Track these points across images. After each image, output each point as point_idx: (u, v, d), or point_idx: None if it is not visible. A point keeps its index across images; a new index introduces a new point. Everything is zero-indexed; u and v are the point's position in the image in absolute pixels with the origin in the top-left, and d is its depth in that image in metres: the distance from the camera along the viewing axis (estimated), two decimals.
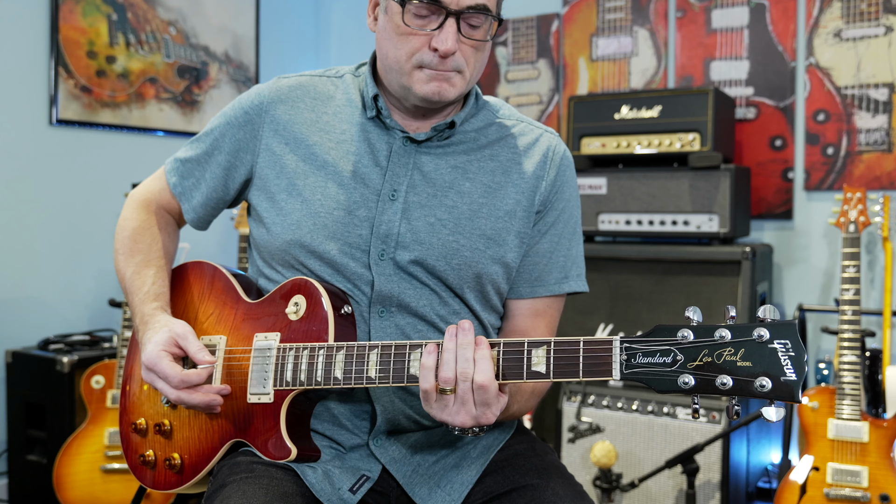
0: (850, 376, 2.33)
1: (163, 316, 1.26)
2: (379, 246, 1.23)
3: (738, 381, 0.94)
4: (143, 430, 1.32)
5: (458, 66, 1.19)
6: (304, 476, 1.18)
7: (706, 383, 0.95)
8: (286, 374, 1.18)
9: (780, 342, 0.93)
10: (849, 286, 2.38)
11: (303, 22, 4.02)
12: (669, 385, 0.96)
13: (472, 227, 1.25)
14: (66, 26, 3.01)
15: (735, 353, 0.94)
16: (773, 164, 3.03)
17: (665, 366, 0.97)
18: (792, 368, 0.92)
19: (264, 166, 1.30)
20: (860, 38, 2.86)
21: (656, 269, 2.74)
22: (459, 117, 1.28)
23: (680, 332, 0.97)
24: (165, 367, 1.18)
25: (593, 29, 3.37)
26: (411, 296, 1.24)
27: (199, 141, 1.37)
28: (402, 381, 1.11)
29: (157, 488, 1.30)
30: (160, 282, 1.32)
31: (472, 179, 1.27)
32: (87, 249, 3.08)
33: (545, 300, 1.33)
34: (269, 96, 1.31)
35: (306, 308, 1.21)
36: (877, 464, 2.27)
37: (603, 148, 2.85)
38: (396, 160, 1.26)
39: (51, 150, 3.00)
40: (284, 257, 1.27)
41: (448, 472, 1.26)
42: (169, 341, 1.21)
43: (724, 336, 0.95)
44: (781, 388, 0.92)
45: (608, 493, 2.45)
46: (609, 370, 1.00)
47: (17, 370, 2.76)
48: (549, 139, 1.34)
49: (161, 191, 1.41)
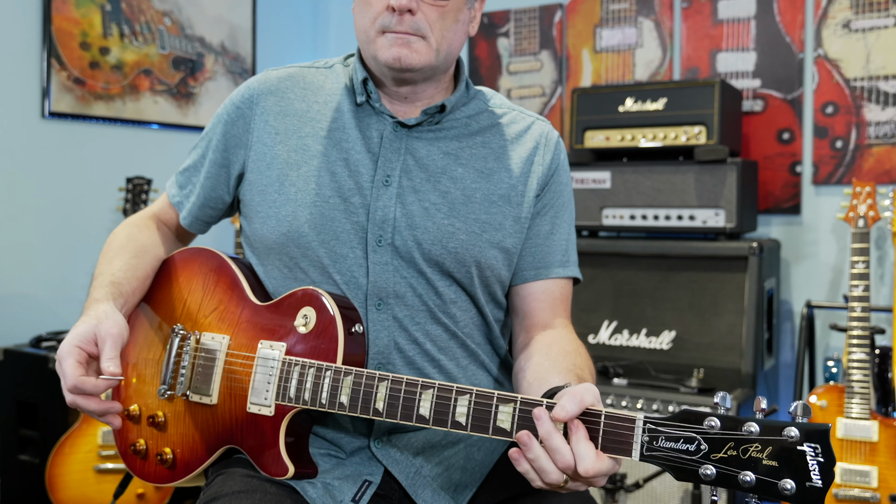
0: (860, 374, 2.32)
1: (104, 305, 1.18)
2: (376, 232, 1.22)
3: (761, 481, 0.90)
4: (135, 417, 1.28)
5: (417, 29, 1.19)
6: (304, 492, 1.16)
7: (728, 478, 0.91)
8: (289, 389, 1.14)
9: (811, 445, 0.89)
10: (858, 282, 2.37)
11: (300, 12, 3.98)
12: (689, 474, 0.92)
13: (467, 211, 1.24)
14: (59, 17, 2.97)
15: (761, 451, 0.91)
16: (780, 158, 2.99)
17: (688, 453, 0.93)
18: (819, 475, 0.88)
19: (257, 159, 1.28)
20: (869, 28, 2.81)
21: (661, 265, 2.71)
22: (450, 101, 1.27)
23: (707, 420, 0.93)
24: (66, 367, 1.10)
25: (597, 20, 3.32)
26: (408, 285, 1.22)
27: (195, 148, 1.38)
28: (409, 420, 1.07)
29: (146, 480, 1.27)
30: (122, 272, 1.25)
31: (464, 165, 1.27)
32: (80, 245, 3.06)
33: (556, 283, 1.32)
34: (259, 88, 1.30)
35: (316, 322, 1.16)
36: (886, 464, 2.26)
37: (607, 141, 2.82)
38: (388, 145, 1.25)
39: (43, 144, 2.97)
40: (280, 250, 1.24)
41: (452, 474, 1.24)
42: (87, 337, 1.12)
43: (753, 431, 0.91)
44: (805, 495, 0.88)
45: (612, 493, 2.44)
46: (629, 450, 0.95)
47: (8, 368, 2.73)
48: (541, 126, 1.35)
49: (161, 206, 1.42)
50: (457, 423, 1.03)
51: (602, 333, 2.77)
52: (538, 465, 0.96)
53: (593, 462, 0.94)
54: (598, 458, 0.94)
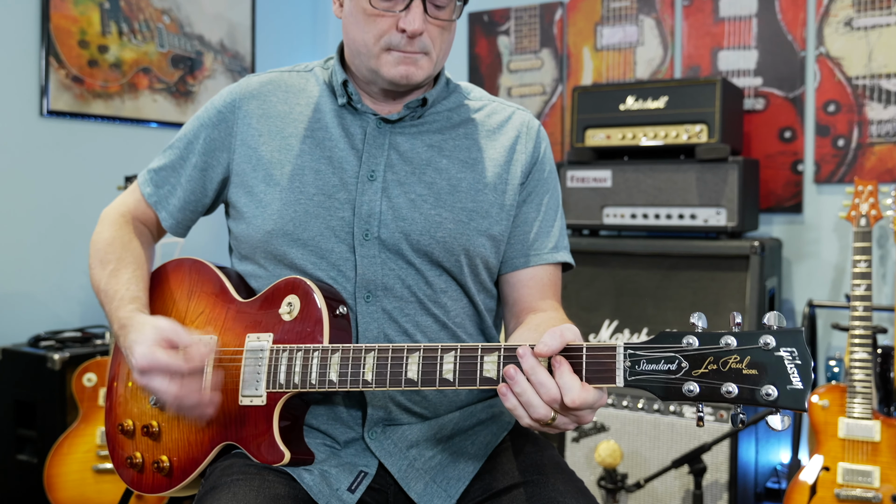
0: (862, 374, 2.31)
1: (142, 316, 1.22)
2: (362, 227, 1.23)
3: (744, 390, 0.94)
4: (129, 432, 1.29)
5: (424, 48, 1.21)
6: (301, 479, 1.16)
7: (711, 391, 0.95)
8: (279, 376, 1.16)
9: (787, 350, 0.93)
10: (860, 281, 2.36)
11: (300, 10, 3.96)
12: (674, 393, 0.97)
13: (454, 200, 1.26)
14: (57, 15, 2.95)
15: (741, 361, 0.94)
16: (782, 157, 2.97)
17: (669, 373, 0.97)
18: (798, 377, 0.92)
19: (241, 161, 1.29)
20: (872, 27, 2.80)
21: (662, 264, 2.71)
22: (431, 94, 1.29)
23: (685, 338, 0.97)
24: (164, 358, 1.12)
25: (598, 17, 3.31)
26: (397, 277, 1.24)
27: (171, 148, 1.37)
28: (398, 385, 1.09)
29: (145, 491, 1.27)
30: (134, 286, 1.28)
31: (448, 157, 1.28)
32: (78, 244, 3.04)
33: (545, 269, 1.32)
34: (241, 93, 1.32)
35: (300, 308, 1.18)
36: (889, 463, 2.25)
37: (608, 140, 2.81)
38: (371, 141, 1.27)
39: (41, 142, 2.96)
40: (267, 248, 1.25)
41: (445, 467, 1.25)
42: (158, 338, 1.16)
43: (730, 343, 0.95)
44: (787, 397, 0.92)
45: (613, 493, 2.43)
46: (612, 377, 0.99)
47: (6, 368, 2.72)
48: (522, 116, 1.36)
49: (136, 203, 1.40)
50: (444, 380, 1.06)
51: (603, 333, 2.76)
52: (525, 398, 0.99)
53: (579, 392, 0.97)
54: (583, 388, 0.98)
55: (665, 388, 0.96)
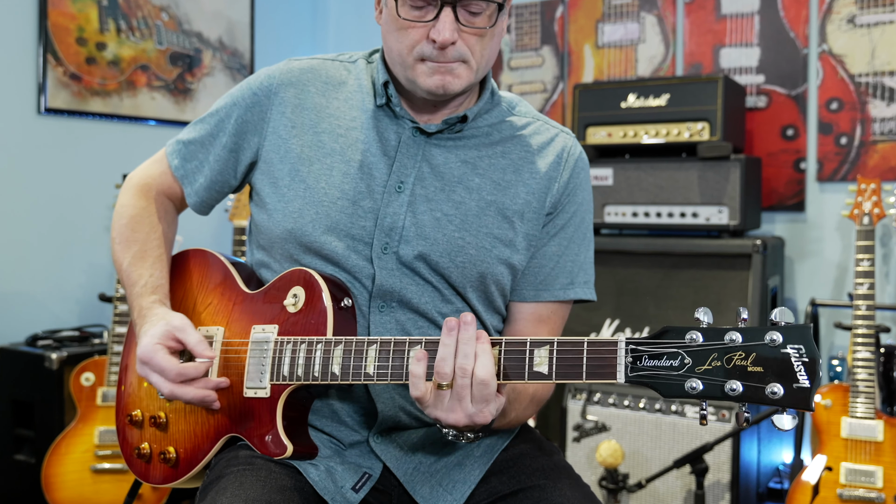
0: (865, 373, 2.31)
1: (161, 309, 1.25)
2: (382, 239, 1.21)
3: (749, 388, 0.90)
4: (138, 422, 1.30)
5: (461, 56, 1.17)
6: (307, 473, 1.16)
7: (715, 388, 0.92)
8: (283, 368, 1.16)
9: (794, 347, 0.89)
10: (863, 280, 2.36)
11: (299, 7, 3.95)
12: (676, 390, 0.94)
13: (480, 224, 1.23)
14: (55, 12, 2.94)
15: (746, 358, 0.91)
16: (784, 155, 2.96)
17: (672, 369, 0.94)
18: (805, 375, 0.89)
19: (270, 150, 1.27)
20: (875, 24, 2.79)
21: (664, 263, 2.69)
22: (472, 111, 1.25)
23: (689, 334, 0.94)
24: (161, 361, 1.17)
25: (599, 15, 3.30)
26: (413, 292, 1.22)
27: (202, 122, 1.34)
28: (400, 379, 1.09)
29: (152, 482, 1.29)
30: (158, 273, 1.30)
31: (481, 175, 1.25)
32: (76, 243, 3.03)
33: (550, 305, 1.30)
34: (280, 78, 1.29)
35: (305, 300, 1.18)
36: (892, 463, 2.25)
37: (609, 137, 2.80)
38: (405, 151, 1.24)
39: (39, 140, 2.94)
40: (283, 246, 1.24)
41: (450, 471, 1.24)
42: (166, 334, 1.19)
43: (735, 339, 0.92)
44: (794, 396, 0.89)
45: (614, 493, 2.42)
46: (613, 373, 0.97)
47: (4, 367, 2.72)
48: (564, 139, 1.32)
49: (161, 174, 1.38)
50: None
51: (604, 332, 2.75)
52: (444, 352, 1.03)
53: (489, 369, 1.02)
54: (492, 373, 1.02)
55: (667, 385, 0.94)
